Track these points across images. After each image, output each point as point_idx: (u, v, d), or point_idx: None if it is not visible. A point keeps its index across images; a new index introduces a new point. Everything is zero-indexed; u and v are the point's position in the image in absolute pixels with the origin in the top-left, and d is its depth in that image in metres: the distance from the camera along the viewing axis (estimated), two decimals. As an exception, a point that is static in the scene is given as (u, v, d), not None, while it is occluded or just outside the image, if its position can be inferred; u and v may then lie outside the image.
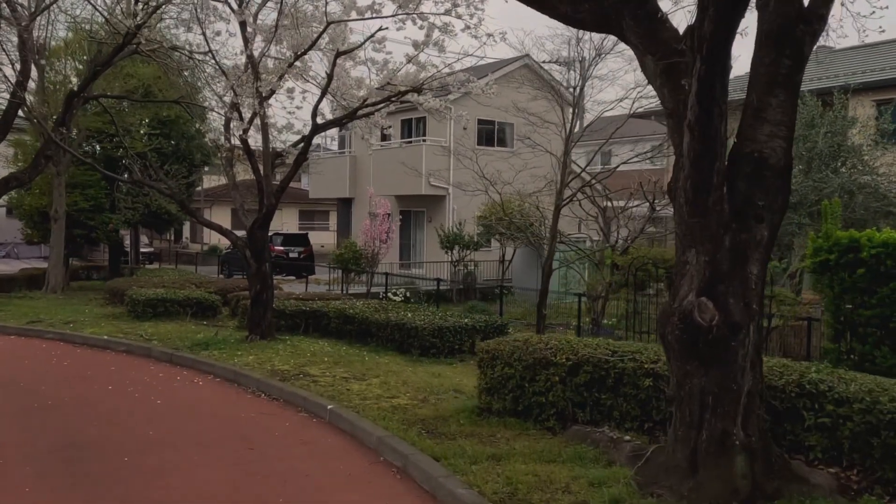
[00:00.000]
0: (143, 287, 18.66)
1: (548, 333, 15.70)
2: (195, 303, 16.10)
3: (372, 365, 11.21)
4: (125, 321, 15.40)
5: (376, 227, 20.33)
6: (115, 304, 18.88)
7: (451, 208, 25.42)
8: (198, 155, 25.99)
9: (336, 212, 34.75)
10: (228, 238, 12.95)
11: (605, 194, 15.93)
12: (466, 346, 13.26)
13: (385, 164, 26.50)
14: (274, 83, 11.84)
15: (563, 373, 7.37)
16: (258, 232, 12.61)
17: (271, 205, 12.50)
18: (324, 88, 11.67)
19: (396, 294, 21.95)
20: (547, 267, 11.72)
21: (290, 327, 14.66)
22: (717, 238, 5.41)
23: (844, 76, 21.73)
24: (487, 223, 22.44)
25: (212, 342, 12.55)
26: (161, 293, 16.06)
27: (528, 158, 27.15)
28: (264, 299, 12.71)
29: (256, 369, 10.52)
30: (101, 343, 13.11)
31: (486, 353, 8.08)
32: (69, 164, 21.64)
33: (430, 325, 12.87)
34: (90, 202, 22.96)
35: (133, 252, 31.33)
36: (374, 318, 13.65)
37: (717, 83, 5.04)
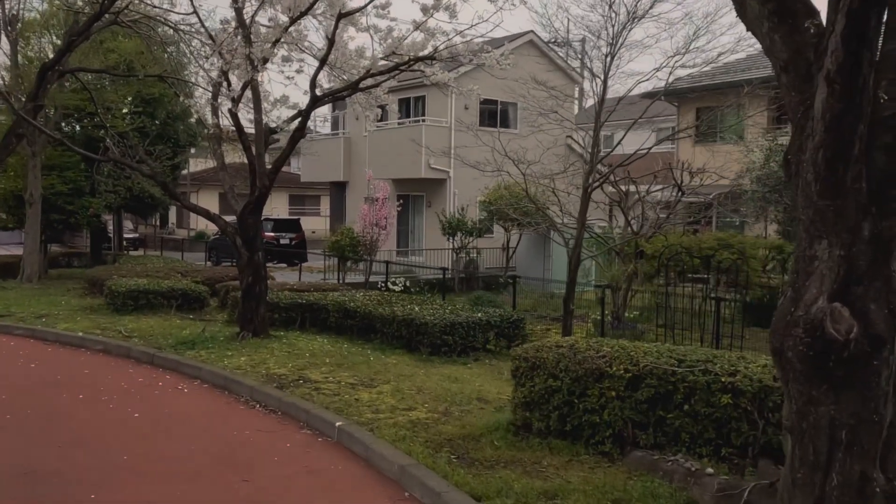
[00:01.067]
0: (124, 276, 17.32)
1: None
2: (181, 294, 14.79)
3: (379, 367, 9.97)
4: (104, 315, 14.08)
5: (375, 212, 19.02)
6: (94, 295, 17.52)
7: (451, 192, 24.12)
8: (184, 135, 24.54)
9: (329, 196, 33.38)
10: (217, 224, 11.65)
11: (627, 178, 14.68)
12: (480, 343, 12.10)
13: (382, 146, 25.15)
14: (267, 50, 10.50)
15: (620, 387, 6.15)
16: (250, 217, 11.31)
17: (264, 187, 11.19)
18: (324, 55, 10.35)
19: (396, 283, 20.67)
20: (575, 257, 10.50)
21: (285, 322, 13.40)
22: (855, 226, 4.17)
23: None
24: (495, 208, 21.16)
25: (199, 340, 11.26)
26: (143, 284, 14.74)
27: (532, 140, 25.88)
28: (257, 292, 11.43)
29: (249, 373, 9.25)
30: (76, 341, 11.80)
31: (523, 362, 6.83)
32: (45, 145, 20.20)
33: (441, 320, 11.66)
34: (68, 185, 21.52)
35: (116, 238, 29.87)
36: (378, 313, 12.42)
37: (872, 16, 3.79)
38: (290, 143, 11.01)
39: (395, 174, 24.52)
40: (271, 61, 10.90)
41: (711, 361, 6.14)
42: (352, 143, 28.01)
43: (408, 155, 23.77)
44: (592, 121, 30.03)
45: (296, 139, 11.00)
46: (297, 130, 10.97)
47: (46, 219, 21.40)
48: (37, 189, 19.85)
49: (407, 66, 11.50)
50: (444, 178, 24.08)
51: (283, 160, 11.18)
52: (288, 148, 11.07)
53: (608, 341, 6.79)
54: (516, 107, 25.58)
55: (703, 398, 5.86)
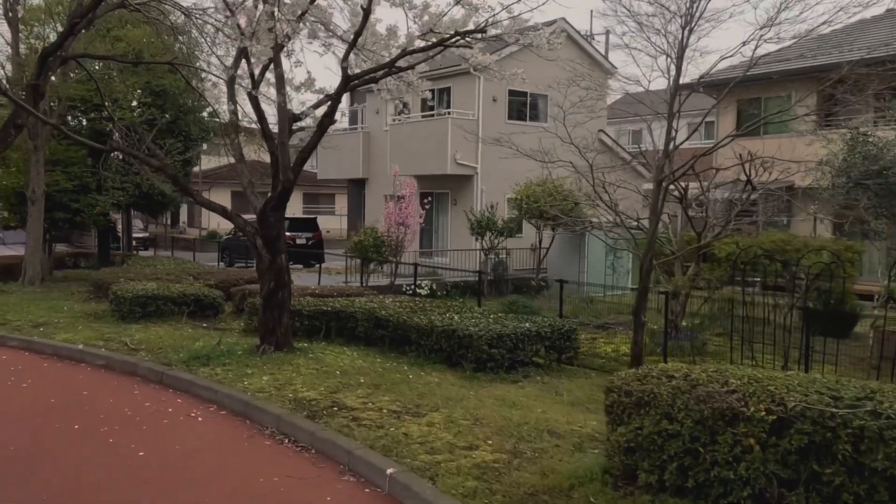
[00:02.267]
0: (132, 279, 16.05)
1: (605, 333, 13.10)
2: (193, 300, 13.46)
3: (422, 388, 8.61)
4: (108, 323, 12.77)
5: (401, 210, 17.66)
6: (99, 300, 16.24)
7: (478, 190, 22.74)
8: (195, 130, 23.23)
9: (347, 194, 32.03)
10: (234, 222, 10.29)
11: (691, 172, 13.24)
12: (527, 357, 10.76)
13: (404, 141, 23.77)
14: (293, 22, 9.14)
15: (761, 432, 4.75)
16: (272, 216, 9.96)
17: (288, 181, 9.84)
18: (359, 27, 8.99)
19: (421, 287, 19.34)
20: (647, 261, 9.09)
21: (309, 331, 12.08)
22: None
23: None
24: (527, 206, 19.77)
25: (214, 354, 9.92)
26: (152, 288, 13.42)
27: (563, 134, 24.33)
28: (279, 300, 10.08)
29: (274, 397, 7.90)
30: (75, 355, 10.47)
31: (624, 396, 5.44)
32: (48, 139, 18.94)
33: (487, 332, 10.30)
34: (74, 182, 20.24)
35: (125, 237, 28.65)
36: (413, 323, 11.07)
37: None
38: (317, 130, 9.65)
39: (419, 170, 23.15)
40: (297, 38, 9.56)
41: (877, 399, 4.75)
42: (371, 138, 26.66)
43: (432, 150, 22.40)
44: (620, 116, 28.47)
45: (324, 126, 9.64)
46: (325, 116, 9.61)
47: (50, 217, 20.15)
48: (39, 185, 18.58)
49: (452, 43, 10.13)
50: (470, 174, 22.69)
51: (309, 151, 9.82)
52: (315, 137, 9.72)
53: (734, 371, 5.38)
54: (546, 99, 24.16)
55: (873, 448, 4.47)
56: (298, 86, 10.47)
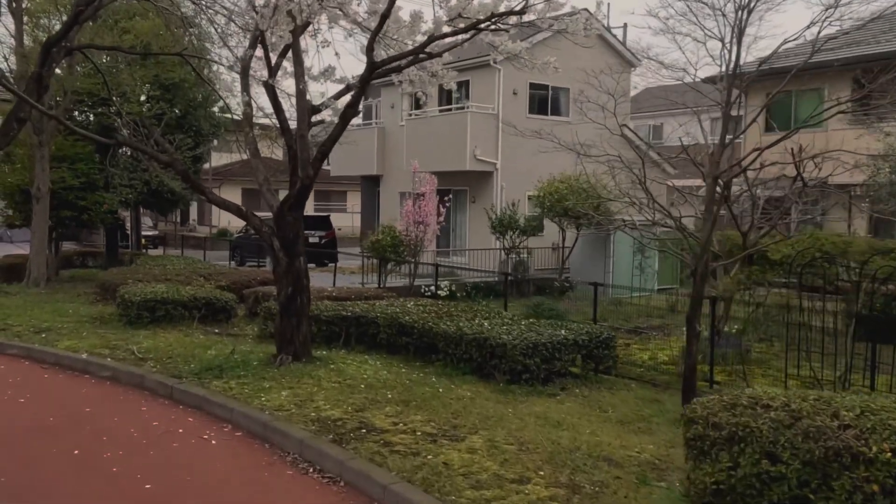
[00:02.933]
0: (140, 280, 15.33)
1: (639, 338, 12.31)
2: (204, 304, 12.71)
3: (455, 404, 7.85)
4: (115, 328, 12.04)
5: (420, 208, 16.88)
6: (106, 301, 15.53)
7: (498, 186, 21.93)
8: (206, 125, 22.49)
9: (360, 191, 31.26)
10: (249, 222, 9.53)
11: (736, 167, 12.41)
12: (564, 367, 10.00)
13: (420, 137, 22.98)
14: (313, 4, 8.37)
15: (887, 478, 3.97)
16: (290, 215, 9.20)
17: (308, 178, 9.07)
18: (387, 6, 8.21)
19: (441, 288, 18.58)
20: (702, 264, 8.26)
21: (327, 337, 11.33)
22: None
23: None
24: (550, 203, 18.97)
25: (228, 364, 9.17)
26: (161, 291, 12.68)
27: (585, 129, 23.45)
28: (298, 306, 9.32)
29: (295, 416, 7.14)
30: (79, 364, 9.74)
31: (711, 429, 4.64)
32: (54, 134, 18.24)
33: (522, 341, 9.53)
34: (80, 179, 19.53)
35: (134, 236, 27.98)
36: (440, 330, 10.31)
37: None
38: (340, 122, 8.88)
39: (436, 167, 22.33)
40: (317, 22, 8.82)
41: None
42: (386, 133, 25.88)
43: (450, 146, 21.60)
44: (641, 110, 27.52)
45: (347, 118, 8.87)
46: (348, 107, 8.83)
47: (56, 215, 19.46)
48: (45, 183, 17.88)
49: (487, 26, 9.36)
50: (490, 170, 21.88)
51: (331, 144, 9.06)
52: (337, 129, 8.95)
53: (843, 399, 4.58)
54: (568, 92, 23.33)
55: None
56: (317, 75, 9.72)
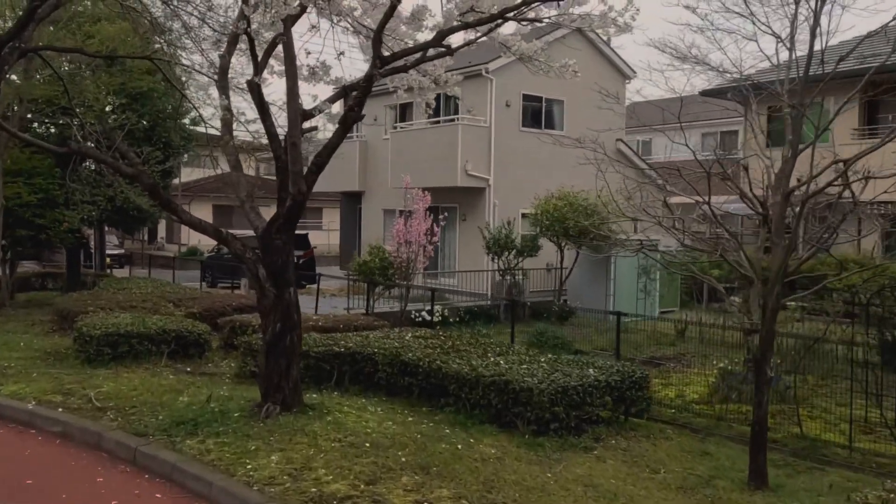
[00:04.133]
0: (103, 307, 13.79)
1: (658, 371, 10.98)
2: (174, 337, 11.19)
3: (482, 467, 6.48)
4: (72, 366, 10.49)
5: (412, 227, 15.51)
6: (64, 332, 13.97)
7: (491, 203, 20.61)
8: (176, 138, 20.93)
9: (339, 208, 29.79)
10: (230, 247, 8.05)
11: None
12: (594, 412, 8.68)
13: (406, 151, 21.60)
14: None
15: None
16: (279, 238, 7.76)
17: (300, 194, 7.66)
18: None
19: (434, 313, 17.18)
20: (773, 297, 6.94)
21: (316, 377, 9.90)
22: None
23: None
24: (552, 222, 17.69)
25: (203, 417, 7.67)
26: (125, 323, 11.14)
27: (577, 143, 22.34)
28: (287, 345, 7.88)
29: (291, 494, 5.70)
30: (24, 416, 8.17)
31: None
32: (8, 146, 16.62)
33: (549, 384, 8.20)
34: (38, 195, 17.87)
35: (98, 255, 26.22)
36: (451, 370, 8.94)
37: None
38: (340, 127, 7.50)
39: (424, 182, 20.91)
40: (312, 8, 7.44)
41: None
42: (369, 147, 24.48)
43: (440, 160, 20.26)
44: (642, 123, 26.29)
45: (349, 122, 7.50)
46: (350, 109, 7.45)
47: (11, 235, 17.78)
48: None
49: (493, 25, 8.09)
50: (482, 186, 20.57)
51: (329, 153, 7.69)
52: (337, 136, 7.59)
53: None
54: (563, 105, 22.16)
55: None
56: (310, 72, 8.34)
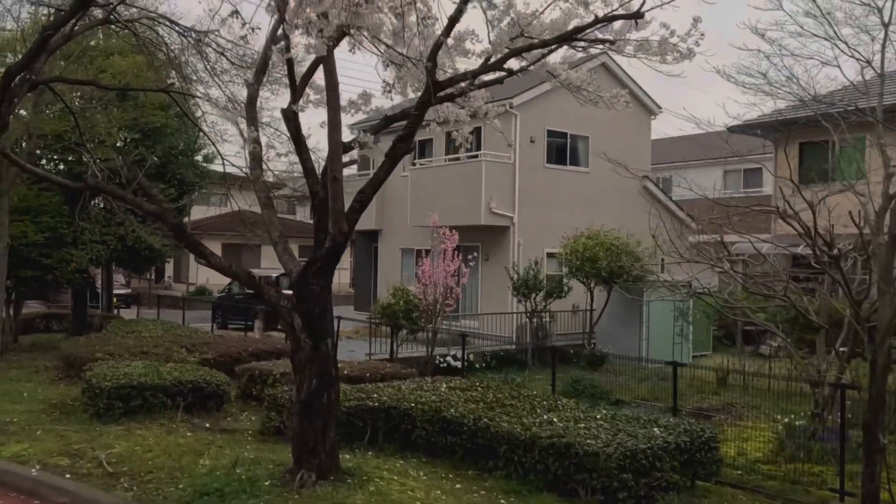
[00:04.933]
0: (111, 353, 12.96)
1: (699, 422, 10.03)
2: (190, 389, 10.29)
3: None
4: (80, 422, 9.60)
5: (440, 267, 14.69)
6: (71, 380, 13.11)
7: (515, 243, 19.82)
8: (189, 174, 20.24)
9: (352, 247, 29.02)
10: (264, 293, 7.13)
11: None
12: (664, 479, 7.75)
13: (426, 188, 20.89)
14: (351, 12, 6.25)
15: None
16: (316, 283, 6.93)
17: (342, 233, 6.84)
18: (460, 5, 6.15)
19: (457, 358, 16.27)
20: (884, 353, 6.07)
21: (347, 434, 9.00)
22: None
23: None
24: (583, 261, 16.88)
25: (229, 485, 6.77)
26: (138, 373, 10.25)
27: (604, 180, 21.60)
28: (324, 405, 7.01)
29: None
30: (27, 484, 7.27)
31: None
32: (15, 182, 15.90)
33: (616, 448, 7.29)
34: (45, 234, 17.10)
35: (105, 296, 25.38)
36: (501, 430, 8.07)
37: None
38: (388, 161, 6.73)
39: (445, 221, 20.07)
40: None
41: None
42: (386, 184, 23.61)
43: (462, 197, 19.52)
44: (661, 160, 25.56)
45: (397, 155, 6.73)
46: (399, 140, 6.68)
47: (16, 275, 16.98)
48: (3, 238, 15.45)
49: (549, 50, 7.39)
50: (506, 225, 19.80)
51: (374, 189, 6.93)
52: (384, 170, 6.82)
53: None
54: (587, 141, 21.49)
55: None
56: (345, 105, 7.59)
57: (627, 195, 22.36)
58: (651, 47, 7.21)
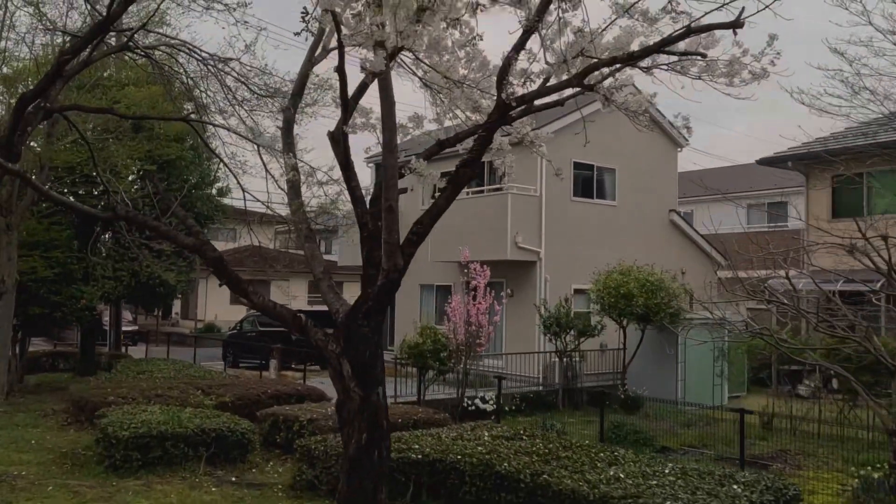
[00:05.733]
0: (125, 397, 12.16)
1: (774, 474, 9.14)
2: (214, 438, 9.49)
3: None
4: (94, 474, 8.79)
5: (472, 305, 13.93)
6: (81, 425, 12.34)
7: (542, 278, 19.05)
8: (205, 207, 19.60)
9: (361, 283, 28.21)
10: (310, 337, 6.28)
11: None
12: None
13: (448, 222, 19.94)
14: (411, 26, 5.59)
15: None
16: (367, 324, 6.19)
17: (397, 269, 6.11)
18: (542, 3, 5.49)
19: (486, 401, 15.44)
20: None
21: (389, 490, 8.11)
22: None
23: None
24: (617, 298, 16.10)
25: (268, 555, 5.97)
26: (157, 420, 9.45)
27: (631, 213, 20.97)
28: (375, 462, 6.21)
29: None
30: (38, 552, 6.49)
31: None
32: (25, 215, 15.22)
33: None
34: (55, 269, 16.41)
35: (113, 333, 24.61)
36: (566, 488, 7.23)
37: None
38: (451, 188, 6.03)
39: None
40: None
41: None
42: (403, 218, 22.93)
43: (487, 232, 18.81)
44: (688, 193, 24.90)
45: (462, 181, 6.04)
46: (464, 165, 5.99)
47: (24, 312, 16.25)
48: (11, 274, 14.71)
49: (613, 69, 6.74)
50: (532, 260, 19.05)
51: (434, 219, 6.22)
52: (446, 198, 6.13)
53: None
54: (614, 174, 20.84)
55: None
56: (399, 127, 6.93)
57: (655, 229, 21.67)
58: (717, 68, 6.55)
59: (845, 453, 12.51)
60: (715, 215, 29.61)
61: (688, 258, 21.90)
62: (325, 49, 8.46)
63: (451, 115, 7.97)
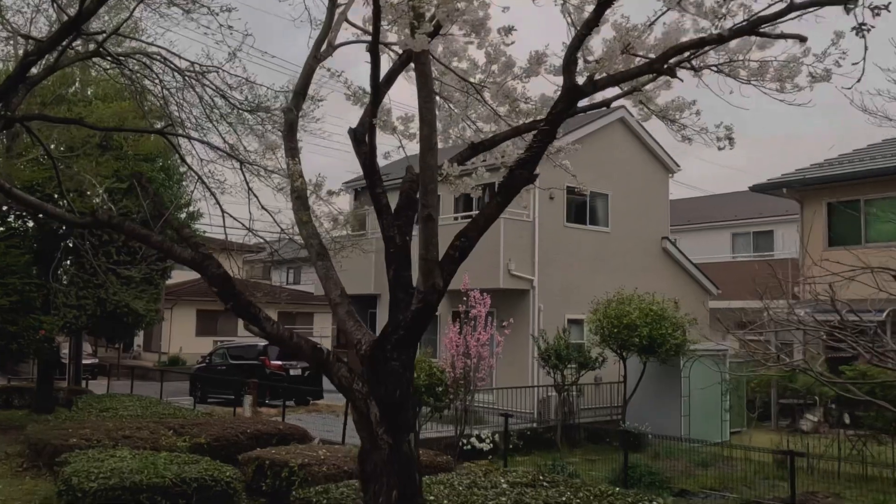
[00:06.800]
0: (89, 437, 10.91)
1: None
2: (196, 488, 8.27)
3: None
4: (54, 534, 7.53)
5: (470, 336, 12.92)
6: (38, 470, 11.01)
7: (535, 308, 18.09)
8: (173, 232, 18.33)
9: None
10: (329, 373, 5.22)
11: None
12: None
13: (435, 248, 19.16)
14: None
15: None
16: (395, 360, 5.15)
17: (434, 291, 5.10)
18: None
19: (483, 439, 14.37)
20: None
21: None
22: None
23: None
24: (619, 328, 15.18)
25: None
26: (129, 468, 8.21)
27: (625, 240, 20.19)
28: (406, 524, 5.12)
29: None
30: None
31: None
32: (-21, 238, 13.92)
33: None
34: (11, 297, 15.00)
35: (73, 367, 23.04)
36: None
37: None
38: (503, 193, 5.01)
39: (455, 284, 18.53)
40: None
41: None
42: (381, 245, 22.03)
43: (477, 259, 17.60)
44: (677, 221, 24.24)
45: (517, 186, 5.04)
46: (520, 166, 4.99)
47: (-25, 345, 14.86)
48: (-38, 302, 13.37)
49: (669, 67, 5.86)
50: (525, 288, 18.09)
51: (481, 231, 5.20)
52: (496, 206, 5.12)
53: None
54: (607, 199, 20.07)
55: None
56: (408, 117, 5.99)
57: (648, 257, 20.92)
58: (767, 71, 5.73)
59: (875, 494, 11.68)
60: (698, 244, 29.11)
61: (680, 287, 21.12)
62: (330, 45, 7.51)
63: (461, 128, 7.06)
